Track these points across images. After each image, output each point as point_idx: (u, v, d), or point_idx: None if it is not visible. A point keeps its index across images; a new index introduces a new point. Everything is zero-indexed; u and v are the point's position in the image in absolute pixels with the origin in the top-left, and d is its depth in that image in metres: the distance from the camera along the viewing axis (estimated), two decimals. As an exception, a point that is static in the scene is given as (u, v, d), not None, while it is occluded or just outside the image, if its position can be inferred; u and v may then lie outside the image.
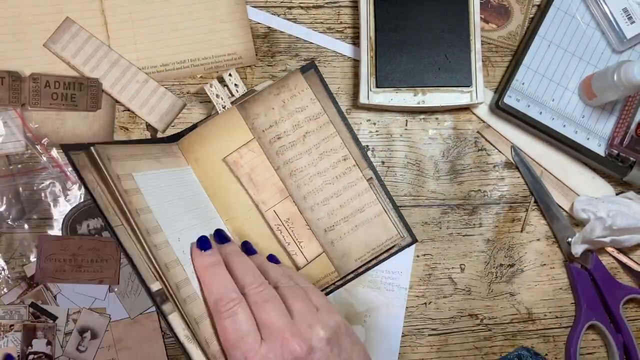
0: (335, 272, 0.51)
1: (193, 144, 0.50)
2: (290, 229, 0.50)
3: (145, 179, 0.44)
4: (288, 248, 0.50)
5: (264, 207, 0.50)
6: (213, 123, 0.50)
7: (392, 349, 0.53)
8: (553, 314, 0.55)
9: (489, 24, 0.56)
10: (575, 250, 0.52)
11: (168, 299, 0.41)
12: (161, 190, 0.45)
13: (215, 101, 0.50)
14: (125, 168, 0.43)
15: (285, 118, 0.51)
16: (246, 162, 0.50)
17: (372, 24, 0.52)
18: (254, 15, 0.53)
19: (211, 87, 0.50)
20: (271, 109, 0.51)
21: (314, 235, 0.51)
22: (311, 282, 0.49)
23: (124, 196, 0.41)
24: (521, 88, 0.53)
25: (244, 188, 0.50)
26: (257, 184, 0.50)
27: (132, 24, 0.52)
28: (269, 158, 0.51)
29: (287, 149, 0.51)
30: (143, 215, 0.42)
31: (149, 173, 0.45)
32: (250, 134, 0.50)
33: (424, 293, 0.54)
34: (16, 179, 0.51)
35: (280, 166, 0.51)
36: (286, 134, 0.51)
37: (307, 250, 0.51)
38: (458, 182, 0.54)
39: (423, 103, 0.52)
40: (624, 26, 0.52)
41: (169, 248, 0.43)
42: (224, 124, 0.50)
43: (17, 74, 0.50)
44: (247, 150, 0.50)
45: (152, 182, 0.45)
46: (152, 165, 0.46)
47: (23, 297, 0.50)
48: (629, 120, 0.52)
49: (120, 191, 0.41)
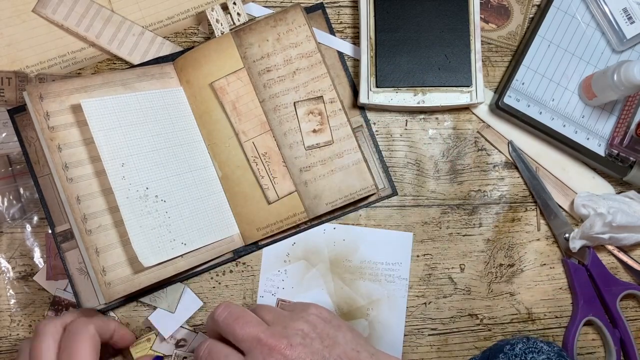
0: (305, 212, 0.51)
1: (186, 65, 0.51)
2: (267, 163, 0.50)
3: (94, 107, 0.47)
4: (261, 181, 0.50)
5: (244, 138, 0.50)
6: (207, 46, 0.51)
7: (396, 340, 0.53)
8: (553, 314, 0.55)
9: (489, 24, 0.56)
10: (573, 245, 0.52)
11: (72, 237, 0.47)
12: (114, 116, 0.48)
13: (214, 25, 0.50)
14: (64, 103, 0.47)
15: (278, 51, 0.51)
16: (232, 90, 0.50)
17: (372, 24, 0.52)
18: (254, 12, 0.53)
19: (212, 11, 0.50)
20: (265, 40, 0.50)
21: (288, 173, 0.51)
22: (280, 219, 0.50)
23: (45, 133, 0.46)
24: (521, 88, 0.53)
25: (226, 115, 0.50)
26: (240, 113, 0.50)
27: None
28: (256, 89, 0.51)
29: (275, 82, 0.51)
30: (66, 150, 0.46)
31: (100, 101, 0.47)
32: (240, 63, 0.50)
33: (424, 293, 0.54)
34: (16, 179, 0.51)
35: (265, 99, 0.50)
36: (276, 68, 0.51)
37: (279, 187, 0.51)
38: (458, 182, 0.55)
39: (423, 103, 0.52)
40: (624, 26, 0.52)
41: (92, 180, 0.47)
42: (216, 48, 0.51)
43: (24, 74, 0.50)
44: (235, 79, 0.50)
45: (101, 109, 0.47)
46: (111, 93, 0.48)
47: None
48: (629, 120, 0.52)
49: (43, 128, 0.46)
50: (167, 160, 0.49)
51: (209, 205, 0.50)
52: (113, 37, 0.52)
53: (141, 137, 0.48)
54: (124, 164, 0.47)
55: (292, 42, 0.51)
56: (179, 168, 0.50)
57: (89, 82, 0.48)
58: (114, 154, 0.47)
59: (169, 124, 0.50)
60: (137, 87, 0.49)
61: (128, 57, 0.52)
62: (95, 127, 0.46)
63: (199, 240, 0.49)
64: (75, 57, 0.52)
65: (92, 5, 0.51)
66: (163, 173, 0.49)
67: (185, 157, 0.50)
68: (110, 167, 0.46)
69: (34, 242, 0.51)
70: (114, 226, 0.48)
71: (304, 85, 0.51)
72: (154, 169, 0.48)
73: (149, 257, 0.47)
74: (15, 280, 0.51)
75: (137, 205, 0.47)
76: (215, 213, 0.51)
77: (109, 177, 0.46)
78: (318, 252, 0.53)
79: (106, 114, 0.47)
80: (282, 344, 0.39)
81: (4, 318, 0.51)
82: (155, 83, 0.50)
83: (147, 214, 0.47)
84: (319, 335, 0.41)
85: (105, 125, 0.47)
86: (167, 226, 0.48)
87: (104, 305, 0.50)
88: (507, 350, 0.48)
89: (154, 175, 0.48)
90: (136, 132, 0.48)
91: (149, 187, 0.48)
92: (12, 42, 0.51)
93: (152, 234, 0.47)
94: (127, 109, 0.48)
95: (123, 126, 0.47)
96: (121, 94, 0.48)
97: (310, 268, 0.53)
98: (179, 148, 0.50)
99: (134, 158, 0.47)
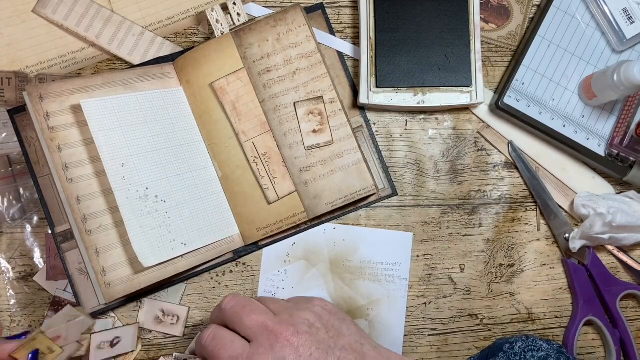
0: (305, 212, 0.51)
1: (186, 65, 0.51)
2: (266, 163, 0.50)
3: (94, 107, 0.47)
4: (261, 181, 0.51)
5: (244, 138, 0.50)
6: (207, 46, 0.51)
7: (396, 340, 0.53)
8: (553, 314, 0.55)
9: (489, 24, 0.56)
10: (573, 245, 0.52)
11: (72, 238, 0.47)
12: (115, 117, 0.48)
13: (214, 26, 0.50)
14: (64, 103, 0.47)
15: (278, 52, 0.51)
16: (232, 90, 0.50)
17: (372, 24, 0.52)
18: (254, 12, 0.54)
19: (212, 12, 0.50)
20: (265, 40, 0.50)
21: (288, 173, 0.51)
22: (280, 219, 0.51)
23: (45, 133, 0.46)
24: (521, 88, 0.53)
25: (226, 115, 0.50)
26: (240, 113, 0.50)
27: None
28: (256, 90, 0.51)
29: (275, 83, 0.51)
30: (66, 150, 0.47)
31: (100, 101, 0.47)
32: (241, 63, 0.51)
33: (424, 293, 0.54)
34: (16, 179, 0.51)
35: (265, 99, 0.51)
36: (276, 68, 0.51)
37: (279, 187, 0.51)
38: (458, 182, 0.54)
39: (423, 103, 0.52)
40: (624, 26, 0.52)
41: (92, 180, 0.47)
42: (216, 48, 0.51)
43: (24, 75, 0.50)
44: (235, 79, 0.50)
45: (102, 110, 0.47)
46: (112, 93, 0.48)
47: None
48: (628, 120, 0.52)
49: (43, 128, 0.46)
50: (167, 161, 0.49)
51: (209, 206, 0.50)
52: (113, 37, 0.52)
53: (141, 137, 0.48)
54: (124, 164, 0.47)
55: (292, 42, 0.51)
56: (179, 168, 0.50)
57: (90, 82, 0.48)
58: (114, 154, 0.47)
59: (169, 124, 0.50)
60: (137, 87, 0.49)
61: (128, 58, 0.52)
62: (95, 127, 0.46)
63: (199, 240, 0.50)
64: (75, 57, 0.52)
65: (92, 5, 0.51)
66: (163, 173, 0.49)
67: (185, 158, 0.50)
68: (110, 168, 0.46)
69: (34, 243, 0.51)
70: (114, 226, 0.48)
71: (304, 86, 0.51)
72: (154, 169, 0.48)
73: (149, 257, 0.47)
74: (15, 280, 0.51)
75: (137, 206, 0.47)
76: (215, 213, 0.51)
77: (109, 178, 0.46)
78: (318, 252, 0.53)
79: (106, 114, 0.47)
80: (288, 331, 0.39)
81: (4, 318, 0.51)
82: (155, 83, 0.50)
83: (147, 214, 0.47)
84: (325, 326, 0.41)
85: (105, 126, 0.47)
86: (167, 226, 0.48)
87: (104, 305, 0.50)
88: (507, 349, 0.48)
89: (154, 176, 0.48)
90: (136, 132, 0.48)
91: (149, 188, 0.48)
92: (12, 42, 0.51)
93: (152, 234, 0.47)
94: (127, 109, 0.48)
95: (123, 126, 0.48)
96: (122, 94, 0.48)
97: (310, 268, 0.53)
98: (179, 148, 0.50)
99: (134, 158, 0.48)
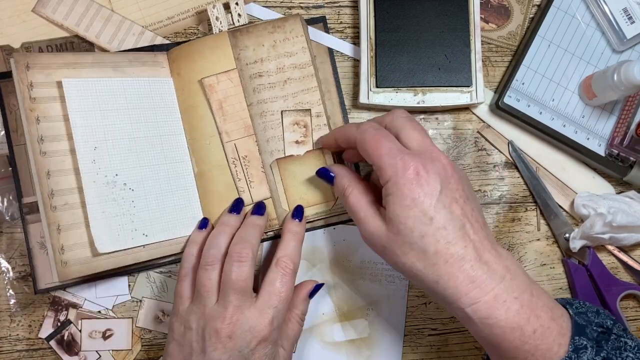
0: (276, 220, 0.51)
1: (180, 57, 0.51)
2: (245, 167, 0.50)
3: (76, 87, 0.47)
4: (238, 183, 0.50)
5: (226, 138, 0.50)
6: (202, 42, 0.51)
7: (396, 340, 0.53)
8: (553, 314, 0.54)
9: (489, 24, 0.56)
10: (574, 245, 0.52)
11: (38, 210, 0.46)
12: (96, 99, 0.48)
13: (214, 23, 0.50)
14: (50, 76, 0.47)
15: (272, 58, 0.51)
16: (221, 89, 0.50)
17: (372, 24, 0.52)
18: (255, 12, 0.54)
19: (213, 9, 0.50)
20: (261, 45, 0.51)
21: (265, 179, 0.51)
22: None
23: (26, 103, 0.46)
24: (521, 88, 0.53)
25: (212, 113, 0.50)
26: (226, 113, 0.50)
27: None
28: (245, 92, 0.50)
29: (265, 88, 0.51)
30: (44, 123, 0.46)
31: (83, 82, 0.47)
32: (233, 63, 0.50)
33: (424, 293, 0.54)
34: (16, 179, 0.51)
35: (253, 103, 0.50)
36: (268, 74, 0.51)
37: (255, 191, 0.51)
38: (458, 182, 0.54)
39: (423, 103, 0.52)
40: (624, 26, 0.52)
41: (65, 157, 0.47)
42: (211, 45, 0.51)
43: (10, 47, 0.50)
44: (226, 78, 0.50)
45: (83, 91, 0.47)
46: (100, 74, 0.48)
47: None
48: (629, 120, 0.52)
49: (25, 97, 0.46)
50: (143, 150, 0.49)
51: (179, 200, 0.50)
52: (113, 36, 0.52)
53: (120, 122, 0.48)
54: (97, 147, 0.47)
55: (287, 51, 0.51)
56: (154, 159, 0.49)
57: (80, 59, 0.48)
58: (88, 137, 0.47)
59: (151, 113, 0.50)
60: (127, 71, 0.49)
61: None
62: (73, 107, 0.46)
63: (162, 233, 0.49)
64: (75, 57, 0.52)
65: (92, 4, 0.51)
66: (136, 161, 0.49)
67: (163, 149, 0.50)
68: (81, 149, 0.46)
69: (33, 242, 0.51)
70: (81, 206, 0.47)
71: (293, 96, 0.51)
72: (128, 157, 0.48)
73: (106, 243, 0.47)
74: (15, 280, 0.51)
75: (103, 190, 0.47)
76: (183, 209, 0.50)
77: (78, 159, 0.46)
78: (318, 252, 0.53)
79: (87, 96, 0.47)
80: (446, 159, 0.40)
81: (4, 318, 0.51)
82: (146, 70, 0.50)
83: (112, 200, 0.47)
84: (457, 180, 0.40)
85: (84, 107, 0.47)
86: (130, 215, 0.48)
87: (58, 283, 0.49)
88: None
89: (127, 163, 0.48)
90: (115, 117, 0.48)
91: (119, 174, 0.48)
92: (12, 42, 0.51)
93: (114, 221, 0.47)
94: (111, 92, 0.48)
95: (103, 110, 0.47)
96: (108, 77, 0.48)
97: (311, 268, 0.53)
98: (157, 139, 0.50)
99: (109, 143, 0.47)
